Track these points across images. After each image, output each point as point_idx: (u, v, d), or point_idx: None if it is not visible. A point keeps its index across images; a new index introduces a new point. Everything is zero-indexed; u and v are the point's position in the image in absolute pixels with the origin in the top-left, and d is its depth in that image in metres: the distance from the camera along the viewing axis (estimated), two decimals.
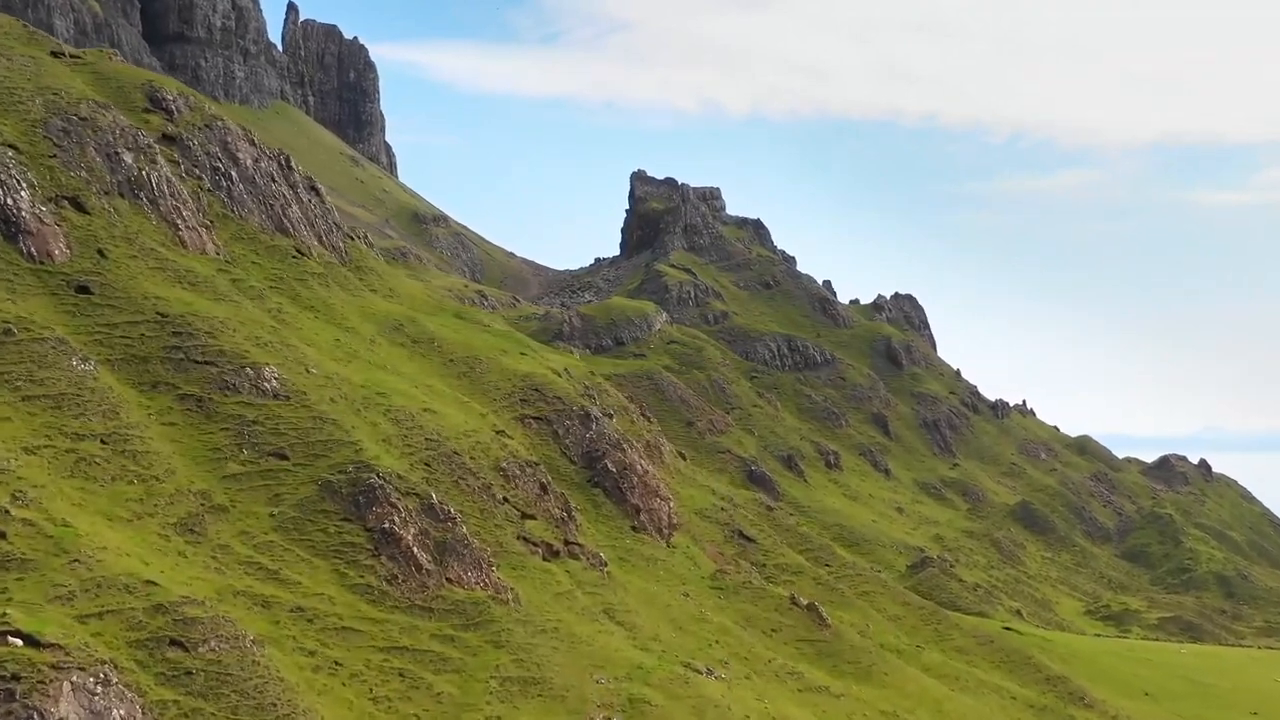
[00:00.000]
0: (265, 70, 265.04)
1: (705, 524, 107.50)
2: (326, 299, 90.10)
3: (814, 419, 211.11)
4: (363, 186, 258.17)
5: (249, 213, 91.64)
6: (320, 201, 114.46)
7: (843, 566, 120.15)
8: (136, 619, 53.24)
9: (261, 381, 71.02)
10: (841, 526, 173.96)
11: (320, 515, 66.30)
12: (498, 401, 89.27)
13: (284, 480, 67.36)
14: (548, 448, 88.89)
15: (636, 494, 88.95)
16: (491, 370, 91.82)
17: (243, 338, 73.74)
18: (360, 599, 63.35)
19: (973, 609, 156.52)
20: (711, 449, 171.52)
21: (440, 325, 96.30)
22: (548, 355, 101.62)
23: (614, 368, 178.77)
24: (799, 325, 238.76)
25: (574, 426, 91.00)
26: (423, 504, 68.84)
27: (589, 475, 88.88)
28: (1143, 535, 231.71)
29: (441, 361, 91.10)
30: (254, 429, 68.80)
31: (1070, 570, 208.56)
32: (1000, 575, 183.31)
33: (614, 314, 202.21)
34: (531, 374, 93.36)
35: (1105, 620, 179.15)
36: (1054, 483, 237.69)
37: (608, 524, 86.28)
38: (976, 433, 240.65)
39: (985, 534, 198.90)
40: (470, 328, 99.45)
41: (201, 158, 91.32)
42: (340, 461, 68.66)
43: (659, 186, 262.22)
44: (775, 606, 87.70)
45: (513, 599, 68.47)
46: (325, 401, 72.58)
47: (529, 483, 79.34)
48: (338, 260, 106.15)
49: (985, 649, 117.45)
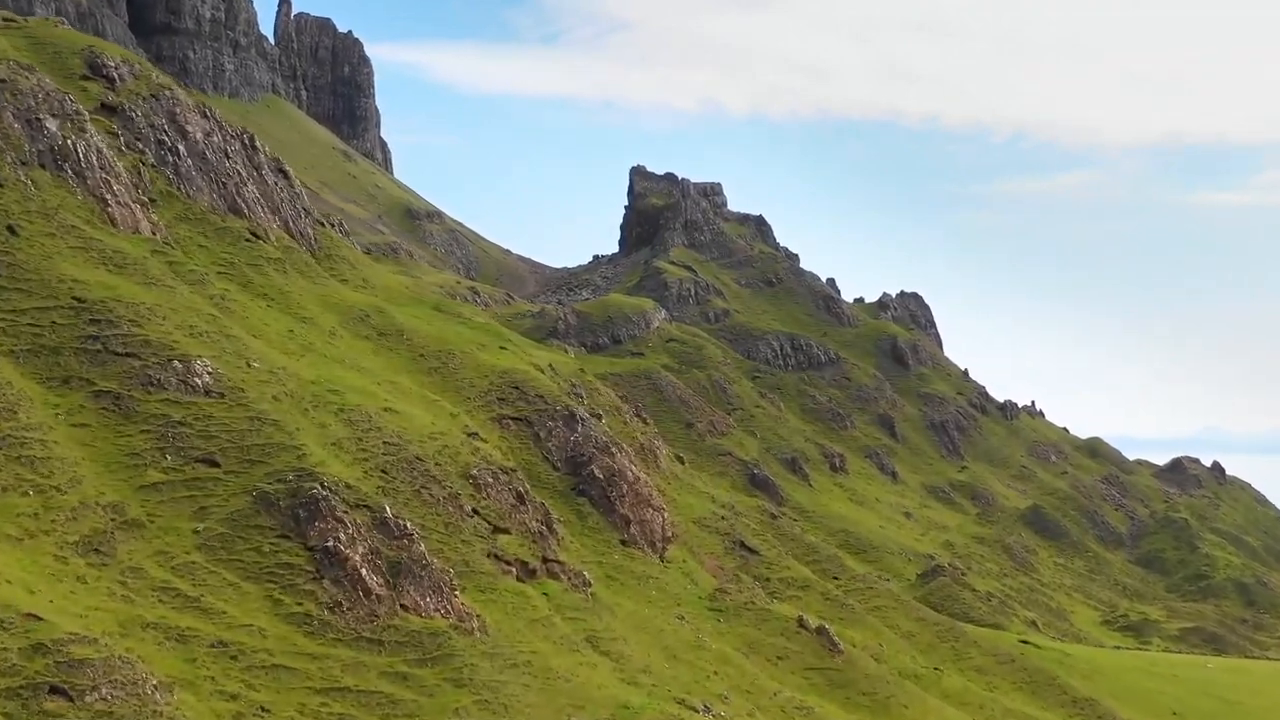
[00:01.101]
0: (256, 63, 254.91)
1: (704, 534, 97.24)
2: (283, 286, 79.82)
3: (818, 420, 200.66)
4: (355, 182, 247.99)
5: (198, 191, 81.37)
6: (289, 185, 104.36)
7: (852, 579, 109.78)
8: (10, 662, 43.10)
9: (191, 376, 60.72)
10: (848, 533, 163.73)
11: (253, 531, 56.03)
12: (472, 400, 78.87)
13: (212, 491, 57.11)
14: (527, 452, 78.50)
15: (626, 503, 78.46)
16: (466, 366, 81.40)
17: (173, 326, 63.47)
18: (296, 630, 53.09)
19: (986, 620, 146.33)
20: (712, 451, 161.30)
21: (411, 317, 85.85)
22: (531, 350, 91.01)
23: (610, 367, 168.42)
24: (802, 324, 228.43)
25: (557, 428, 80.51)
26: (375, 518, 58.58)
27: (573, 482, 78.42)
28: (1157, 540, 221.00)
29: (410, 356, 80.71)
30: (180, 431, 58.56)
31: (1084, 578, 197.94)
32: (1013, 584, 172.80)
33: (611, 311, 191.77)
34: (511, 370, 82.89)
35: (1124, 631, 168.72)
36: (1065, 486, 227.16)
37: (594, 537, 75.85)
38: (985, 434, 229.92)
39: (996, 540, 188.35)
40: (446, 320, 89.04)
41: (145, 129, 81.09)
42: (280, 469, 58.39)
43: (659, 182, 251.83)
44: (781, 630, 77.27)
45: (479, 627, 58.24)
46: (266, 399, 62.30)
47: (503, 492, 68.99)
48: (307, 248, 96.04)
49: (1006, 669, 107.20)
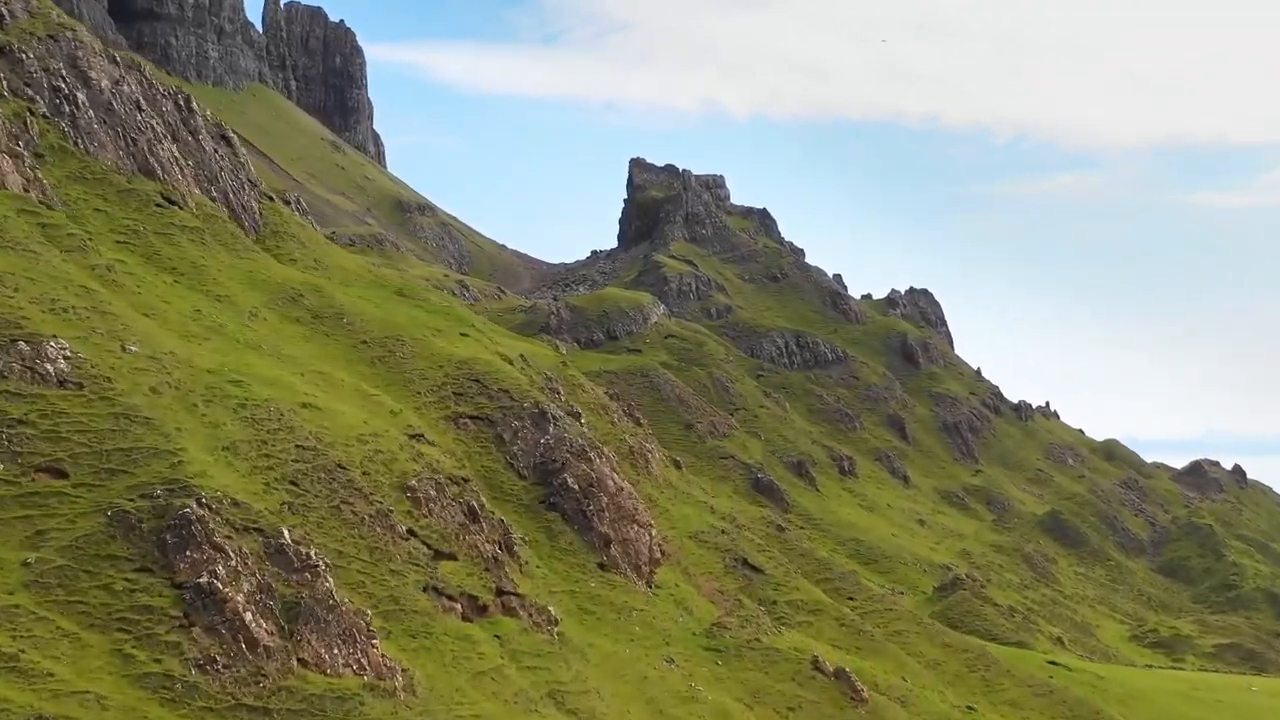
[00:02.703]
0: (241, 51, 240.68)
1: (701, 551, 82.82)
2: (198, 260, 65.44)
3: (825, 421, 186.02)
4: (343, 173, 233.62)
5: (99, 147, 67.08)
6: (233, 154, 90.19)
7: (869, 600, 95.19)
8: None
9: (40, 362, 46.40)
10: (858, 542, 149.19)
11: (103, 563, 41.72)
12: (422, 395, 64.45)
13: (55, 509, 42.79)
14: (488, 457, 64.04)
15: (606, 519, 63.94)
16: (417, 355, 66.93)
17: (27, 300, 49.16)
18: (151, 697, 38.76)
19: (1011, 638, 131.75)
20: (712, 455, 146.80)
21: (355, 297, 71.38)
22: (500, 339, 76.38)
23: (604, 364, 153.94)
24: (808, 321, 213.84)
25: (525, 429, 66.00)
26: (269, 544, 44.22)
27: (542, 494, 63.93)
28: (1180, 547, 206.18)
29: (350, 343, 66.29)
30: (18, 432, 44.27)
31: (1107, 588, 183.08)
32: (1035, 596, 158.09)
33: (606, 305, 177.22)
34: (472, 360, 68.35)
35: (1155, 648, 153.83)
36: (1083, 490, 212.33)
37: (565, 561, 61.39)
38: (999, 436, 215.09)
39: (1015, 548, 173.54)
40: (401, 303, 74.60)
41: (37, 74, 66.84)
42: (147, 481, 44.05)
43: (659, 174, 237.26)
44: (793, 673, 62.63)
45: (404, 686, 43.90)
46: (141, 392, 47.97)
47: (450, 507, 54.55)
48: (250, 225, 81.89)
49: (1043, 701, 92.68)
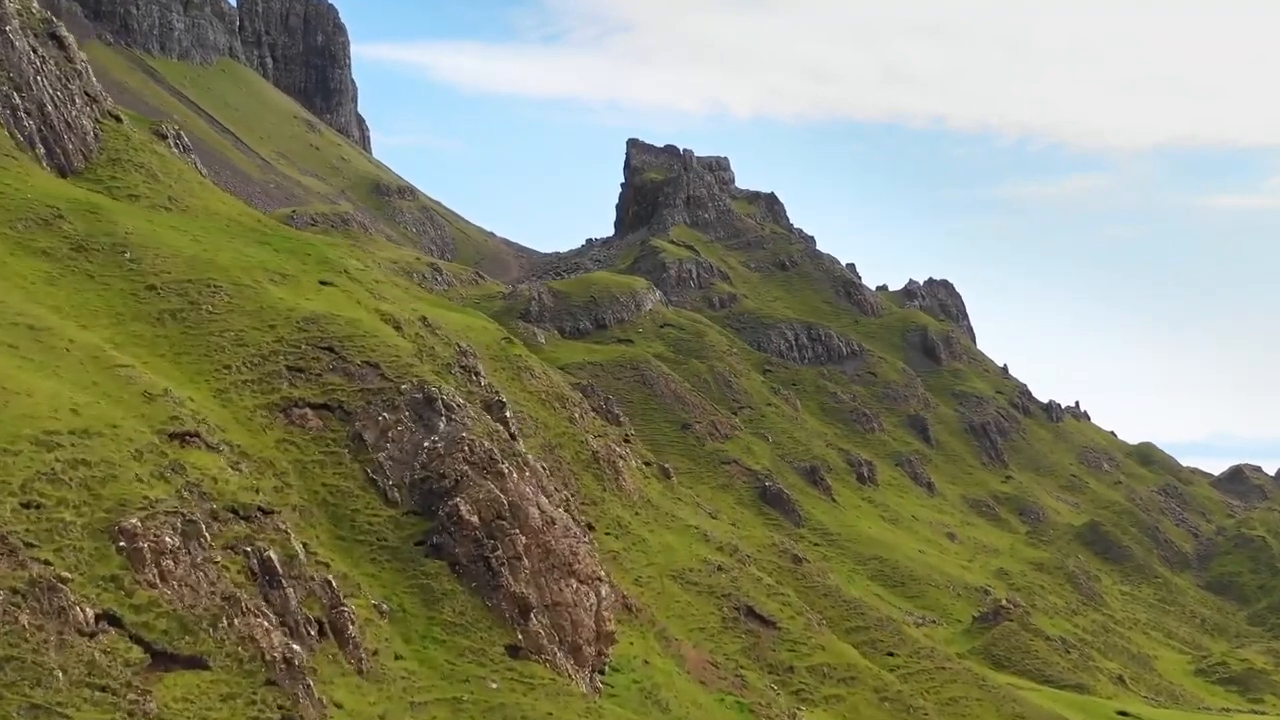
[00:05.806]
0: (211, 23, 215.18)
1: (689, 598, 56.85)
2: None
3: (841, 422, 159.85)
4: (317, 154, 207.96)
5: None
6: (66, 60, 65.15)
7: (915, 655, 68.92)
8: None
9: None
10: (882, 561, 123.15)
11: None
12: (233, 370, 38.57)
13: None
14: (334, 471, 38.03)
15: (525, 571, 37.87)
16: (237, 309, 40.97)
17: None
18: None
19: (1068, 680, 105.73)
20: (713, 459, 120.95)
21: (157, 225, 45.43)
22: (387, 292, 50.04)
23: (587, 354, 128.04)
24: (820, 312, 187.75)
25: (400, 426, 40.14)
26: None
27: (421, 530, 38.14)
28: (1230, 561, 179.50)
29: (127, 288, 40.42)
30: None
31: (1157, 609, 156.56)
32: (1085, 623, 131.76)
33: (594, 290, 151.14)
34: (327, 317, 42.32)
35: (1225, 684, 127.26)
36: (1121, 498, 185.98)
37: (450, 645, 35.29)
38: (1029, 439, 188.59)
39: (1057, 565, 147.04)
40: (241, 242, 48.51)
41: None
42: None
43: (658, 155, 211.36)
44: None
45: None
46: None
47: (213, 566, 28.71)
48: (67, 143, 56.53)
49: None
